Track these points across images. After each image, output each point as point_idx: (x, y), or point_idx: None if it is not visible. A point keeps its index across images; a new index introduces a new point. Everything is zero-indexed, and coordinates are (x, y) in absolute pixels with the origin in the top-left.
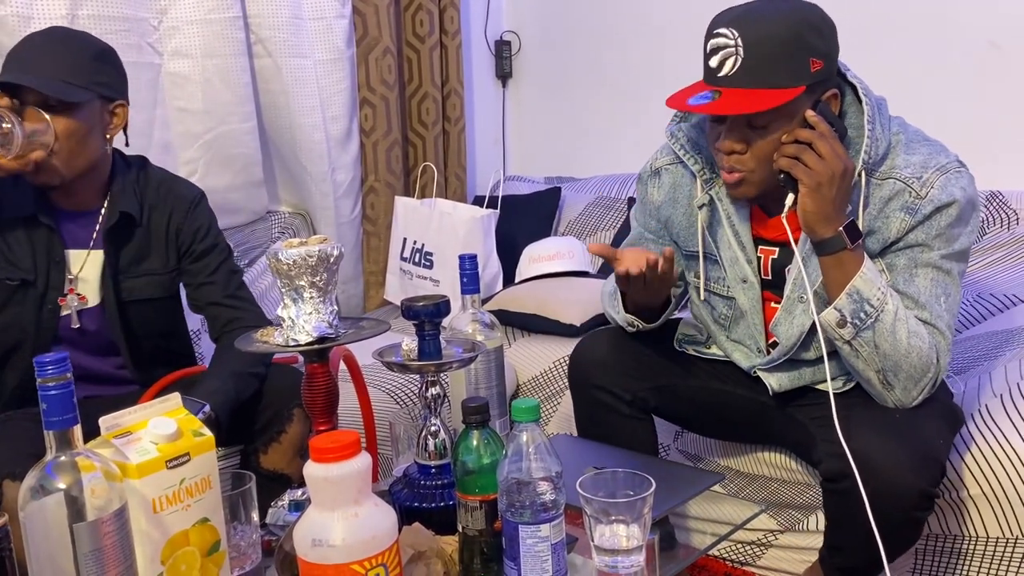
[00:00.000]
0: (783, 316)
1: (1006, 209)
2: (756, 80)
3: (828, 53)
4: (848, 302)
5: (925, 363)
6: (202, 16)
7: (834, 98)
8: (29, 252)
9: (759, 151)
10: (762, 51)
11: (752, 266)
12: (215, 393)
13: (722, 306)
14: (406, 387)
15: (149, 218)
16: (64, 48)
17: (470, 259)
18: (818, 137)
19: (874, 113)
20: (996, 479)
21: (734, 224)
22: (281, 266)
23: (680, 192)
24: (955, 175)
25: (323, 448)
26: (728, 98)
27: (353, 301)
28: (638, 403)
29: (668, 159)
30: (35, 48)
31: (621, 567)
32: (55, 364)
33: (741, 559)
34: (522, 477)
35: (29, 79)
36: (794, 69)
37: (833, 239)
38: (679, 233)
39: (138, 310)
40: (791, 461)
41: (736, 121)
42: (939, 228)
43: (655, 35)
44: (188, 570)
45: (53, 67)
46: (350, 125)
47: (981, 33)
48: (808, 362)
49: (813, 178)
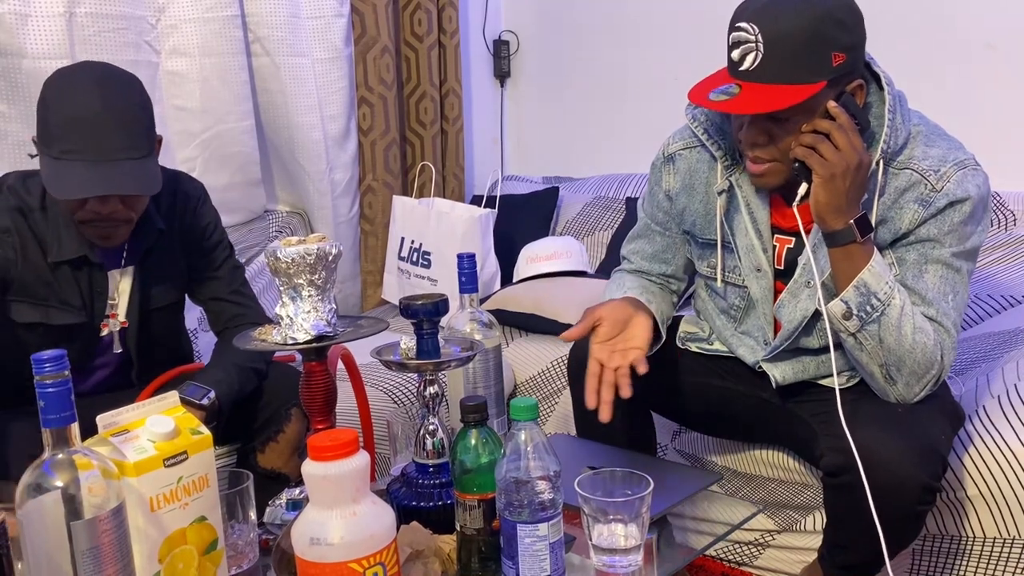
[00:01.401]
0: (787, 298)
1: (1004, 210)
2: (776, 76)
3: (852, 45)
4: (855, 294)
5: (929, 359)
6: (200, 14)
7: (859, 89)
8: (77, 291)
9: (781, 143)
10: (782, 47)
11: (767, 255)
12: (220, 383)
13: (734, 296)
14: (404, 386)
15: (166, 221)
16: (126, 122)
17: (468, 258)
18: (836, 128)
19: (895, 103)
20: (994, 479)
21: (753, 211)
22: (279, 264)
23: (697, 178)
24: (972, 172)
25: (321, 446)
26: (747, 94)
27: (351, 300)
28: (637, 399)
29: (681, 144)
30: (111, 131)
31: (619, 566)
32: (53, 362)
33: (738, 559)
34: (520, 476)
35: (130, 186)
36: (815, 65)
37: (843, 231)
38: (695, 221)
39: (158, 317)
40: (789, 461)
41: (758, 115)
42: (952, 224)
43: (654, 35)
44: (185, 569)
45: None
46: (348, 124)
47: (978, 35)
48: (812, 353)
49: (827, 169)
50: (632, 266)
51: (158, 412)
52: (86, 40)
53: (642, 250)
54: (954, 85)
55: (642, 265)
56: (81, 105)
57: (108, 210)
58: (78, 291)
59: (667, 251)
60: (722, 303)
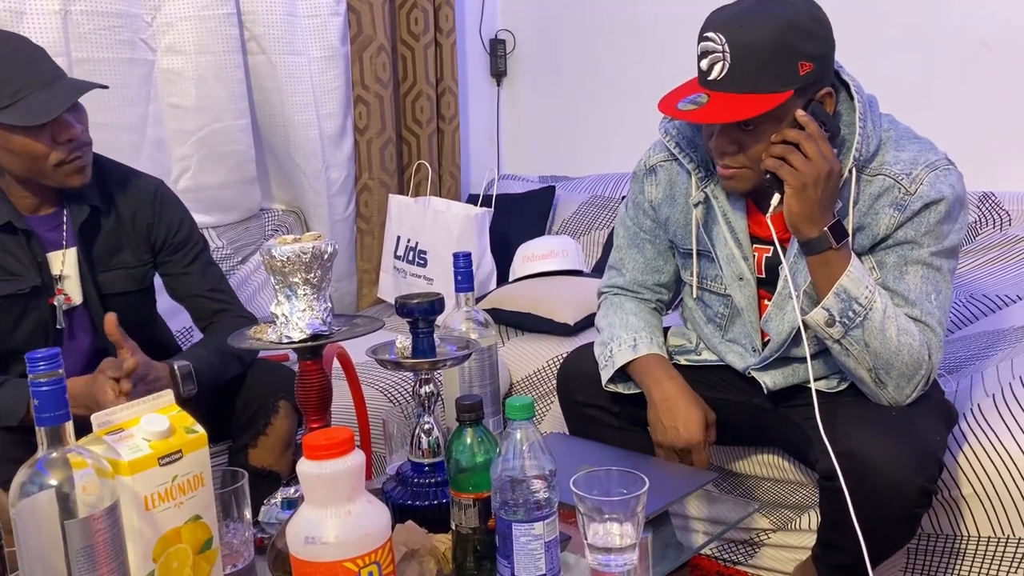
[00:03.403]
0: (774, 312)
1: (999, 210)
2: (742, 86)
3: (819, 55)
4: (836, 301)
5: (917, 360)
6: (196, 12)
7: (828, 97)
8: (14, 259)
9: (750, 151)
10: (748, 57)
11: (748, 263)
12: (199, 360)
13: (719, 305)
14: (399, 385)
15: (116, 209)
16: (35, 47)
17: (464, 257)
18: (806, 138)
19: (865, 110)
20: (988, 478)
21: (730, 221)
22: (275, 263)
23: (677, 189)
24: (944, 172)
25: (317, 445)
26: (715, 103)
27: (346, 299)
28: (627, 415)
29: (662, 155)
30: (42, 60)
31: (614, 565)
32: (47, 360)
33: (733, 558)
34: (516, 475)
35: (91, 87)
36: (781, 74)
37: (819, 239)
38: (676, 231)
39: (116, 304)
40: (783, 461)
41: (726, 124)
42: (928, 225)
43: (650, 34)
44: (180, 567)
45: (60, 72)
46: (344, 123)
47: (973, 33)
48: (801, 359)
49: (799, 179)
50: (624, 280)
51: (153, 411)
52: (81, 37)
53: (634, 260)
54: (949, 84)
55: (636, 277)
56: (6, 48)
57: (76, 131)
58: (15, 259)
59: (659, 259)
60: (708, 311)
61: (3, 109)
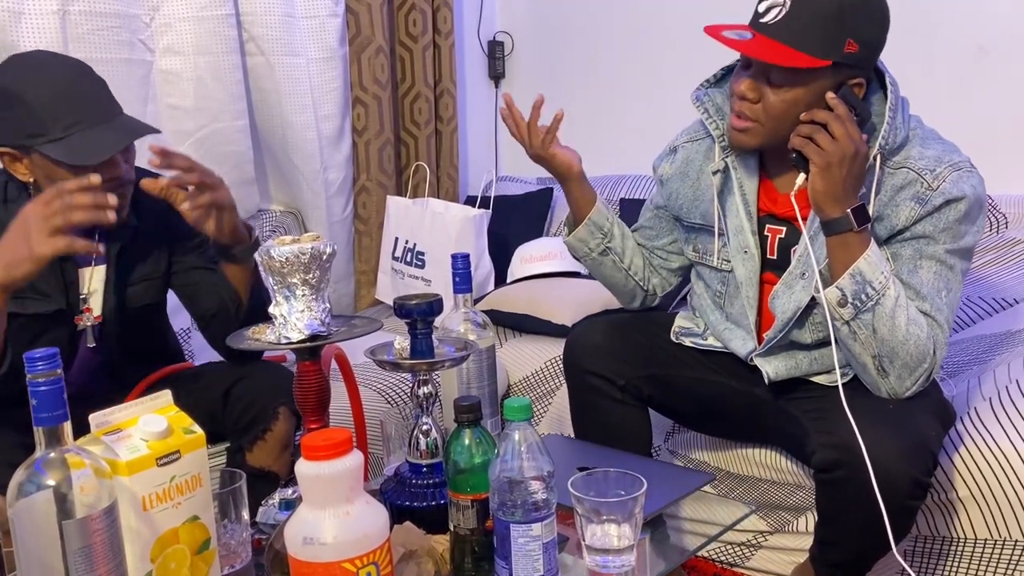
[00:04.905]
0: (782, 289)
1: (996, 213)
2: (789, 37)
3: (869, 41)
4: (850, 282)
5: (922, 352)
6: (194, 13)
7: (859, 87)
8: (49, 281)
9: (769, 106)
10: (806, 12)
11: (755, 237)
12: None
13: (716, 282)
14: (397, 386)
15: (140, 219)
16: (100, 81)
17: (463, 258)
18: (834, 119)
19: (897, 103)
20: (985, 481)
21: (745, 194)
22: (273, 263)
23: (691, 166)
24: (967, 173)
25: (315, 446)
26: (758, 42)
27: (344, 300)
28: (631, 390)
29: (686, 137)
30: (101, 94)
31: (612, 566)
32: (45, 360)
33: (731, 560)
34: (514, 476)
35: (143, 130)
36: (827, 42)
37: (840, 219)
38: (682, 205)
39: (138, 315)
40: (782, 461)
41: (759, 70)
42: (947, 222)
43: (648, 37)
44: (178, 568)
45: (116, 107)
46: (342, 124)
47: (970, 38)
48: (805, 348)
49: (824, 158)
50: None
51: (151, 411)
52: (79, 38)
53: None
54: (946, 87)
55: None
56: (59, 80)
57: (121, 171)
58: (50, 281)
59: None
60: (707, 289)
61: (54, 142)
